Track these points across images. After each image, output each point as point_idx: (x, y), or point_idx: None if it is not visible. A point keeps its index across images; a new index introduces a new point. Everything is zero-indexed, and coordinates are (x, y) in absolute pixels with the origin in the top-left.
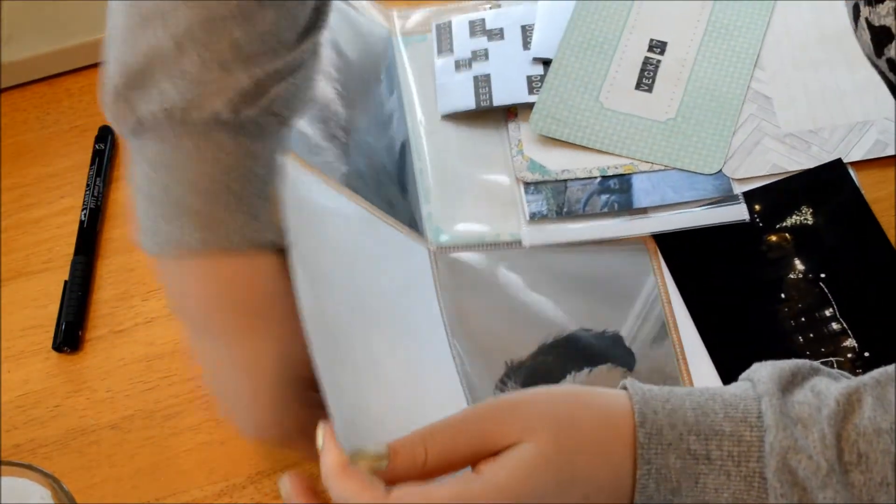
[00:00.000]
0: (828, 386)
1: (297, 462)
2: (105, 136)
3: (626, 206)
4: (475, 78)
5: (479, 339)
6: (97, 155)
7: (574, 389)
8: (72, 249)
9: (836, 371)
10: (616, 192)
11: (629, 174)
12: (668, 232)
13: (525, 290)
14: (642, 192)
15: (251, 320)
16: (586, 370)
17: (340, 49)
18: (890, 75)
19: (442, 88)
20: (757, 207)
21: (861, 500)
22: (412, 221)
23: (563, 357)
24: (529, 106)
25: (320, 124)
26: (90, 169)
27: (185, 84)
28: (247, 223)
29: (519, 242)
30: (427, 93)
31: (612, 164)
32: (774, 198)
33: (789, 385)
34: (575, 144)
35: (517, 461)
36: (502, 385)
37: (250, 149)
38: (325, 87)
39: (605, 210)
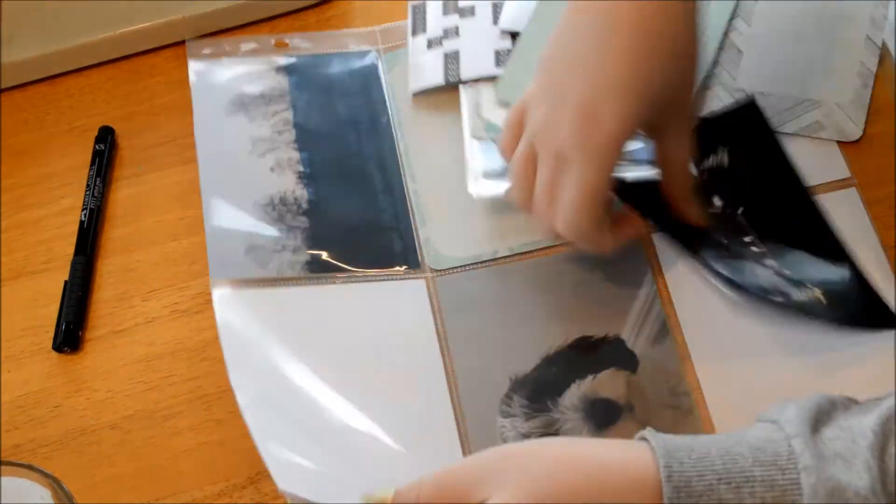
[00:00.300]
0: (857, 420)
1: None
2: (105, 136)
3: None
4: (445, 55)
5: (481, 356)
6: (97, 155)
7: (585, 448)
8: (72, 249)
9: (846, 400)
10: None
11: None
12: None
13: (524, 303)
14: None
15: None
16: (590, 377)
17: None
18: None
19: (414, 68)
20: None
21: None
22: (404, 252)
23: (566, 366)
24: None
25: (277, 224)
26: (90, 169)
27: None
28: None
29: (518, 254)
30: (415, 111)
31: None
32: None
33: (817, 424)
34: None
35: None
36: (508, 400)
37: None
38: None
39: None
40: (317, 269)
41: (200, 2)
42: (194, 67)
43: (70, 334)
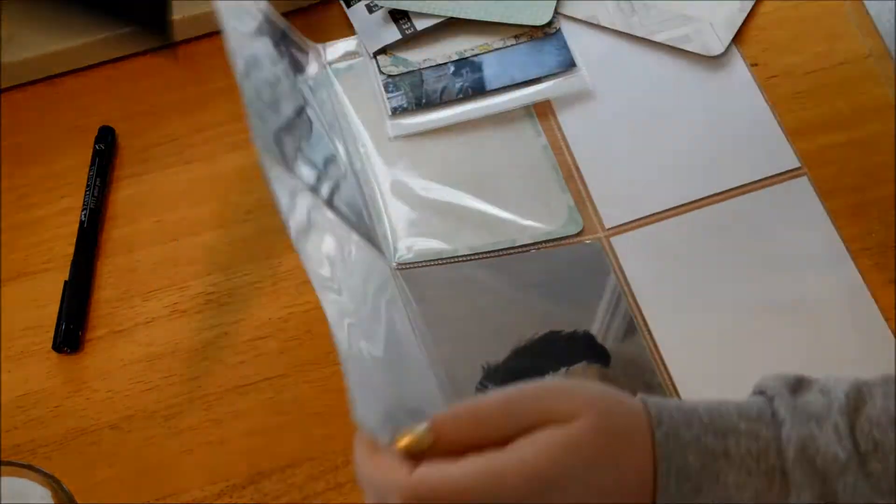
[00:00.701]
0: (835, 385)
1: (296, 462)
2: (105, 136)
3: (479, 90)
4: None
5: (453, 345)
6: (97, 155)
7: (601, 385)
8: (72, 249)
9: (834, 378)
10: (469, 79)
11: (480, 56)
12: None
13: (491, 298)
14: (492, 76)
15: None
16: (563, 369)
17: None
18: None
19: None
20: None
21: (881, 489)
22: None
23: (538, 358)
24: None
25: None
26: (90, 169)
27: None
28: None
29: (477, 254)
30: (370, 116)
31: (468, 47)
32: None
33: (797, 388)
34: (429, 35)
35: (548, 440)
36: (482, 388)
37: None
38: None
39: (460, 96)
40: None
41: (200, 2)
42: None
43: (70, 334)
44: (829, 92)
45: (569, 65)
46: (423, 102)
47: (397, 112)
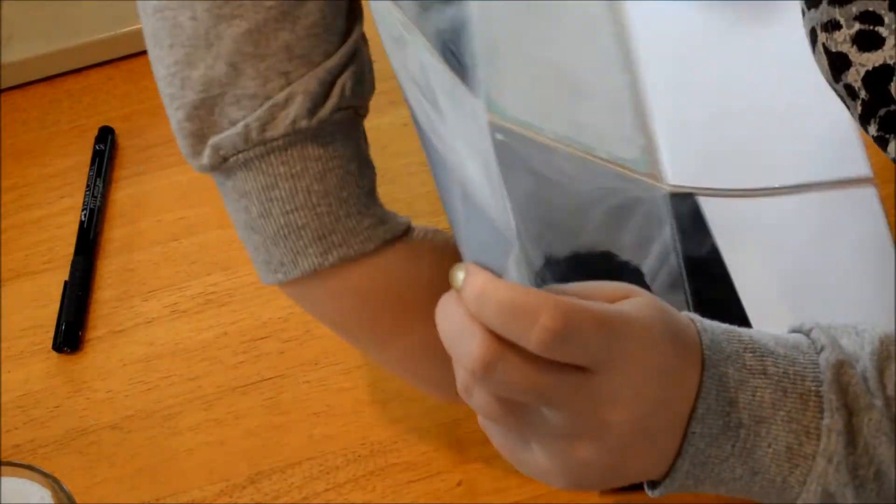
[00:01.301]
0: (872, 329)
1: (296, 462)
2: (105, 136)
3: None
4: None
5: (524, 222)
6: (97, 155)
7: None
8: (72, 249)
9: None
10: None
11: None
12: None
13: (564, 195)
14: None
15: (406, 314)
16: None
17: None
18: (847, 101)
19: None
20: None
21: None
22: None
23: (593, 273)
24: None
25: None
26: (90, 169)
27: (252, 104)
28: (358, 223)
29: (562, 141)
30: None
31: None
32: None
33: (834, 329)
34: None
35: (638, 301)
36: (542, 275)
37: (336, 150)
38: None
39: None
40: None
41: None
42: None
43: (70, 334)
44: None
45: None
46: None
47: None
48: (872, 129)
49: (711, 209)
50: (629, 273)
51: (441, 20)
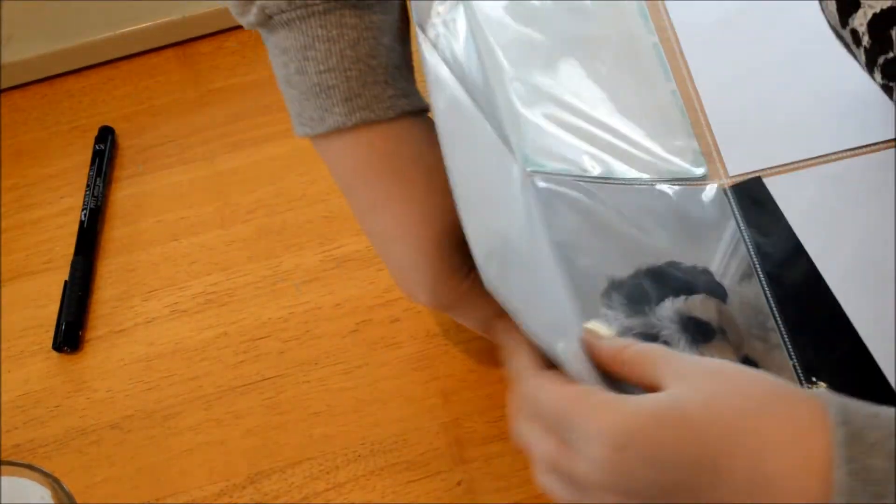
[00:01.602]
0: None
1: (296, 462)
2: (105, 137)
3: None
4: None
5: (576, 254)
6: (97, 155)
7: (764, 375)
8: (72, 249)
9: None
10: None
11: None
12: None
13: (616, 219)
14: None
15: (402, 186)
16: (683, 297)
17: None
18: (853, 47)
19: None
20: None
21: None
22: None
23: (659, 283)
24: None
25: None
26: (90, 169)
27: None
28: (383, 91)
29: (605, 179)
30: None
31: None
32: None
33: None
34: None
35: (666, 397)
36: (607, 296)
37: (372, 20)
38: None
39: None
40: None
41: (200, 2)
42: None
43: (70, 334)
44: None
45: None
46: None
47: None
48: (878, 77)
49: (778, 190)
50: (697, 276)
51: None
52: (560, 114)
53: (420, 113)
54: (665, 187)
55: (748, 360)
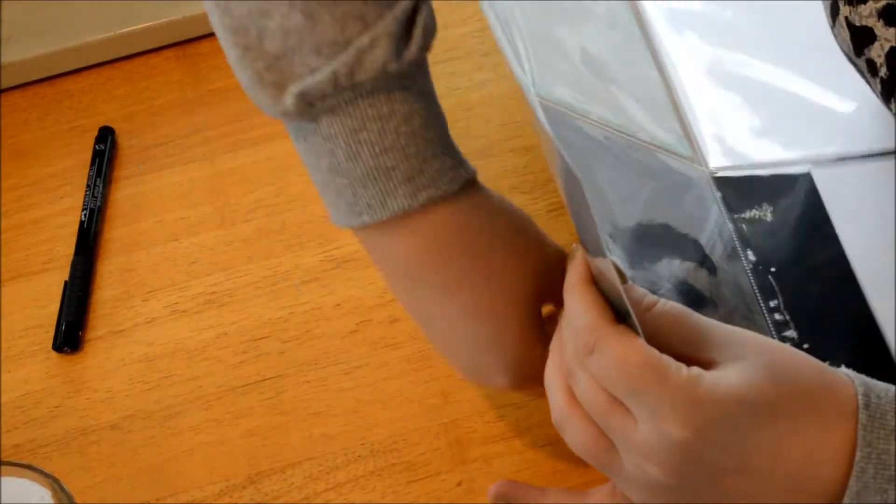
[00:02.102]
0: None
1: (296, 462)
2: (105, 137)
3: None
4: None
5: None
6: (97, 155)
7: (789, 347)
8: (72, 249)
9: None
10: None
11: None
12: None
13: (618, 168)
14: None
15: (479, 262)
16: (678, 260)
17: None
18: (868, 76)
19: None
20: (719, 195)
21: None
22: None
23: (656, 242)
24: None
25: None
26: (90, 169)
27: (331, 50)
28: (443, 164)
29: (607, 125)
30: None
31: None
32: (739, 188)
33: None
34: None
35: (737, 373)
36: (611, 240)
37: (418, 90)
38: None
39: None
40: None
41: (200, 1)
42: None
43: (70, 334)
44: None
45: None
46: None
47: None
48: (894, 107)
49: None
50: (688, 244)
51: None
52: (563, 50)
53: (475, 178)
54: (658, 153)
55: None
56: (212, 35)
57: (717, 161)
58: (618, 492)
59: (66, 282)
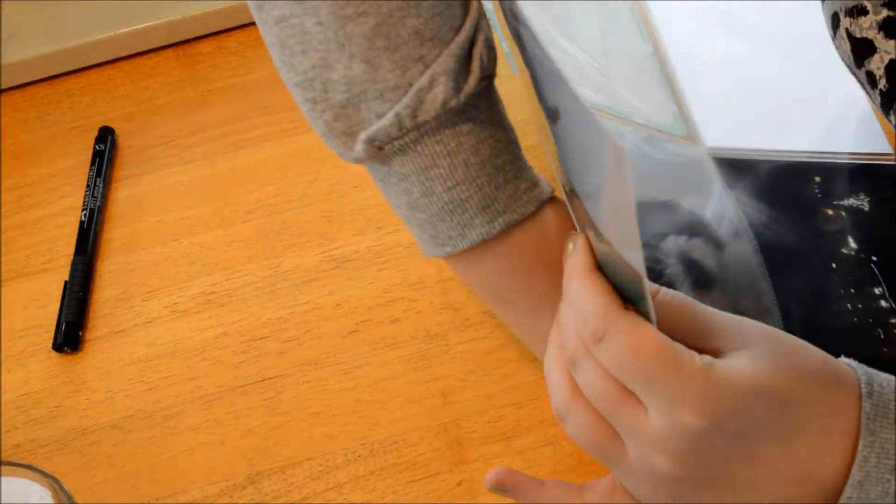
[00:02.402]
0: None
1: (296, 462)
2: (105, 137)
3: None
4: None
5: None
6: (97, 155)
7: (791, 336)
8: (72, 249)
9: None
10: None
11: None
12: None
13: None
14: None
15: (558, 280)
16: (685, 237)
17: None
18: (868, 88)
19: None
20: (817, 179)
21: None
22: None
23: (663, 217)
24: None
25: None
26: (90, 169)
27: (395, 94)
28: (516, 188)
29: (599, 109)
30: None
31: None
32: (834, 176)
33: None
34: None
35: (748, 360)
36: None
37: (483, 120)
38: None
39: None
40: None
41: (200, 2)
42: None
43: (70, 334)
44: None
45: None
46: None
47: None
48: (893, 119)
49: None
50: (694, 220)
51: None
52: (554, 31)
53: (552, 197)
54: (654, 134)
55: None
56: (212, 35)
57: (715, 141)
58: (618, 485)
59: (66, 282)
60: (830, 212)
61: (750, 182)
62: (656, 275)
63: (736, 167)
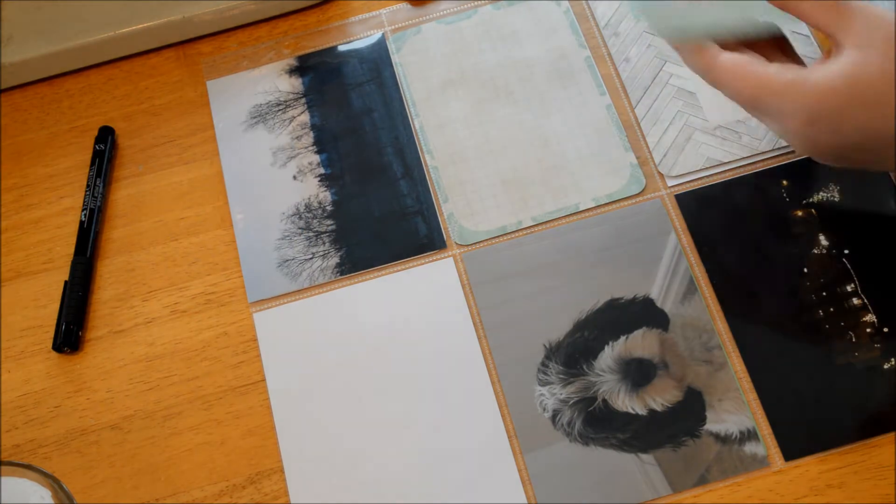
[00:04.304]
0: None
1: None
2: (105, 137)
3: None
4: None
5: (514, 328)
6: (97, 155)
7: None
8: (72, 249)
9: None
10: None
11: None
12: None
13: (551, 272)
14: None
15: None
16: (623, 338)
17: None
18: None
19: None
20: (784, 183)
21: None
22: (430, 233)
23: (598, 330)
24: None
25: (304, 233)
26: (90, 169)
27: None
28: None
29: (540, 224)
30: (428, 86)
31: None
32: (800, 173)
33: None
34: None
35: (847, 66)
36: (544, 368)
37: None
38: (309, 182)
39: None
40: (347, 271)
41: (200, 2)
42: (212, 88)
43: (70, 334)
44: None
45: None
46: None
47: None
48: None
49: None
50: (637, 307)
51: None
52: (479, 170)
53: None
54: (601, 216)
55: (692, 390)
56: (212, 35)
57: (675, 178)
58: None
59: (66, 282)
60: (800, 213)
61: (716, 211)
62: (590, 401)
63: (700, 197)
